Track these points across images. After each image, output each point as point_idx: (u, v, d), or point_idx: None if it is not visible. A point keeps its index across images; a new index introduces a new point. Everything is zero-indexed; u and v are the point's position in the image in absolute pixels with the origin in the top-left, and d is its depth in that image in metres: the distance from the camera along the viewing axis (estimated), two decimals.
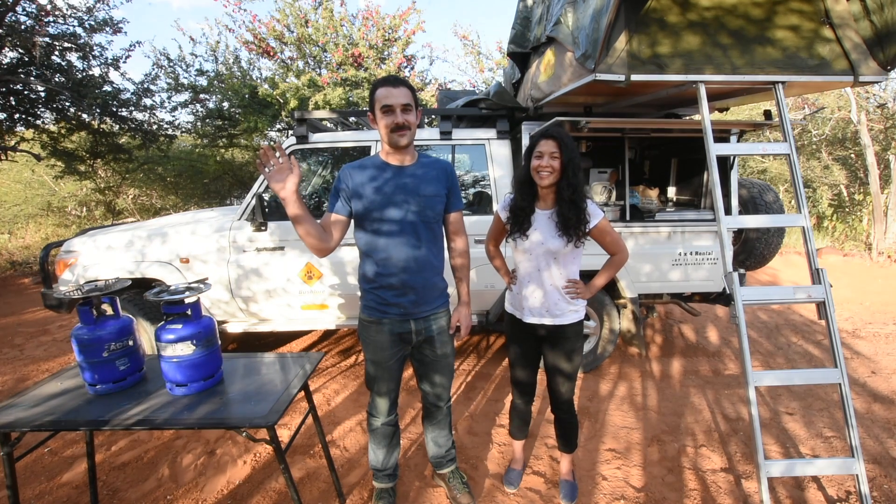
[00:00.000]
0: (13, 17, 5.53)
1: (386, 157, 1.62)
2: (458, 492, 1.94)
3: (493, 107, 3.08)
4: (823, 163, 9.49)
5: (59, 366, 3.49)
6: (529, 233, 1.70)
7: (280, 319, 3.15)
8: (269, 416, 1.33)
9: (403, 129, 1.53)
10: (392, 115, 1.51)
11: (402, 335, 1.67)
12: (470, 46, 9.74)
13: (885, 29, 2.02)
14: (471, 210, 3.11)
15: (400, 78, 1.55)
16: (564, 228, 1.63)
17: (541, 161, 1.62)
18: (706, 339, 3.93)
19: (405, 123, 1.52)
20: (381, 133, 1.56)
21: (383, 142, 1.59)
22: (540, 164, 1.62)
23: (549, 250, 1.69)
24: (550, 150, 1.60)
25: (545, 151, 1.61)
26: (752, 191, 3.25)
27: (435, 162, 1.68)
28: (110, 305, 1.53)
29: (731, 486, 2.07)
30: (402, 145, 1.56)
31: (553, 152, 1.60)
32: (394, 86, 1.51)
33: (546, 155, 1.61)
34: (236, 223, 3.01)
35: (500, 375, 3.22)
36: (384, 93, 1.50)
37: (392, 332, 1.65)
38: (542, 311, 1.75)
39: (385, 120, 1.52)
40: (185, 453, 2.34)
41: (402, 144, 1.56)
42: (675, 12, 2.04)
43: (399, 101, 1.50)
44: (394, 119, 1.51)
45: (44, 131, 6.82)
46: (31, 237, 9.23)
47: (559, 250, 1.68)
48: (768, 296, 2.10)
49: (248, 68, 7.71)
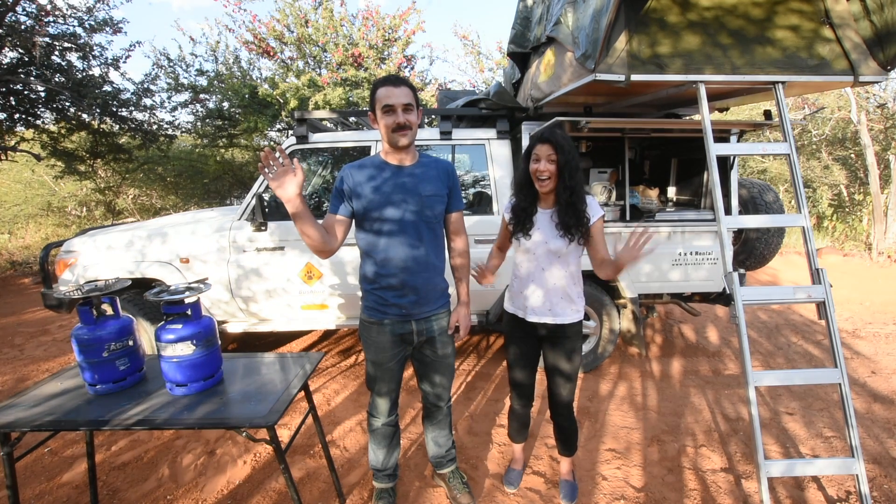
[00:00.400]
0: (13, 17, 5.53)
1: (385, 157, 1.61)
2: (459, 492, 1.94)
3: (493, 107, 3.08)
4: (823, 163, 9.49)
5: (59, 366, 3.49)
6: (532, 232, 1.71)
7: (280, 319, 3.15)
8: (269, 416, 1.33)
9: (404, 128, 1.52)
10: (393, 114, 1.51)
11: (403, 336, 1.67)
12: (470, 46, 9.75)
13: (885, 29, 2.02)
14: (471, 210, 3.11)
15: (401, 77, 1.54)
16: (565, 229, 1.64)
17: (538, 165, 1.62)
18: (706, 339, 3.93)
19: (406, 123, 1.52)
20: (382, 133, 1.55)
21: (384, 141, 1.59)
22: (537, 167, 1.62)
23: (551, 250, 1.69)
24: (547, 154, 1.60)
25: (542, 155, 1.61)
26: (752, 191, 3.25)
27: (436, 162, 1.68)
28: (110, 305, 1.53)
29: (731, 486, 2.07)
30: (403, 145, 1.56)
31: (550, 155, 1.60)
32: (395, 85, 1.50)
33: (543, 158, 1.61)
34: (236, 223, 3.01)
35: (499, 375, 3.22)
36: (385, 92, 1.50)
37: (393, 332, 1.65)
38: (544, 310, 1.75)
39: (386, 120, 1.51)
40: (185, 453, 2.34)
41: (403, 144, 1.55)
42: (675, 12, 2.04)
43: (400, 101, 1.49)
44: (395, 119, 1.50)
45: (44, 131, 6.82)
46: (31, 237, 9.24)
47: (560, 249, 1.68)
48: (768, 296, 2.10)
49: (248, 68, 7.71)
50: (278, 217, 3.01)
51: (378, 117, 1.54)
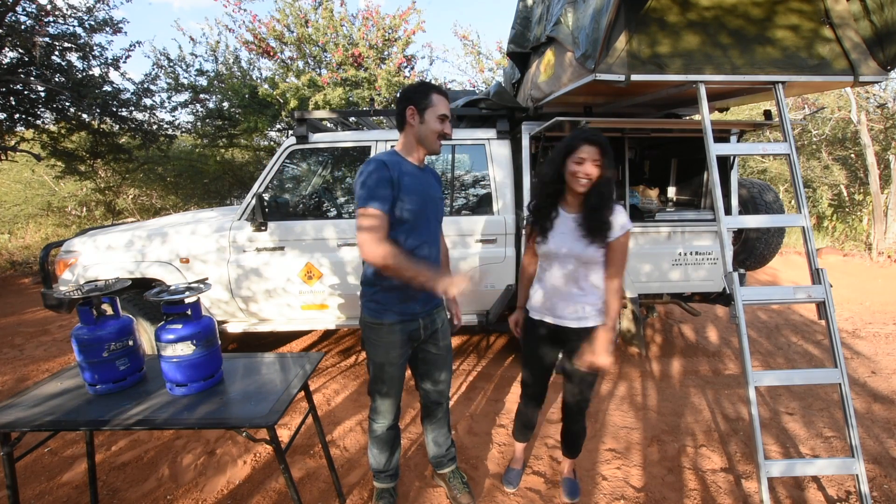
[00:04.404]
0: (13, 17, 5.53)
1: (407, 157, 1.61)
2: (458, 491, 1.94)
3: (493, 107, 3.08)
4: (823, 163, 9.48)
5: (59, 366, 3.49)
6: (552, 235, 1.66)
7: (280, 319, 3.15)
8: (269, 416, 1.33)
9: (446, 138, 1.62)
10: (445, 123, 1.59)
11: (411, 333, 1.68)
12: (470, 46, 9.74)
13: (885, 29, 2.02)
14: (471, 210, 3.11)
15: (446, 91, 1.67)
16: (587, 233, 1.58)
17: (581, 167, 1.53)
18: (706, 339, 3.93)
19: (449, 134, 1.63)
20: (425, 135, 1.57)
21: (420, 144, 1.60)
22: (580, 169, 1.54)
23: (573, 253, 1.63)
24: (593, 157, 1.52)
25: (587, 157, 1.52)
26: (752, 191, 3.25)
27: (432, 168, 1.77)
28: (110, 305, 1.53)
29: (731, 486, 2.07)
30: (438, 152, 1.65)
31: (596, 160, 1.53)
32: (447, 97, 1.61)
33: (588, 161, 1.52)
34: (236, 223, 3.01)
35: (499, 375, 3.22)
36: (442, 101, 1.58)
37: (403, 331, 1.65)
38: (566, 313, 1.70)
39: (437, 126, 1.57)
40: (185, 453, 2.34)
41: (439, 152, 1.65)
42: (674, 12, 2.04)
43: (448, 113, 1.59)
44: (444, 128, 1.59)
45: (44, 131, 6.81)
46: (31, 237, 9.23)
47: (582, 254, 1.62)
48: (768, 296, 2.10)
49: (248, 68, 7.71)
50: (278, 217, 3.01)
51: (428, 120, 1.56)
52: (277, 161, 2.99)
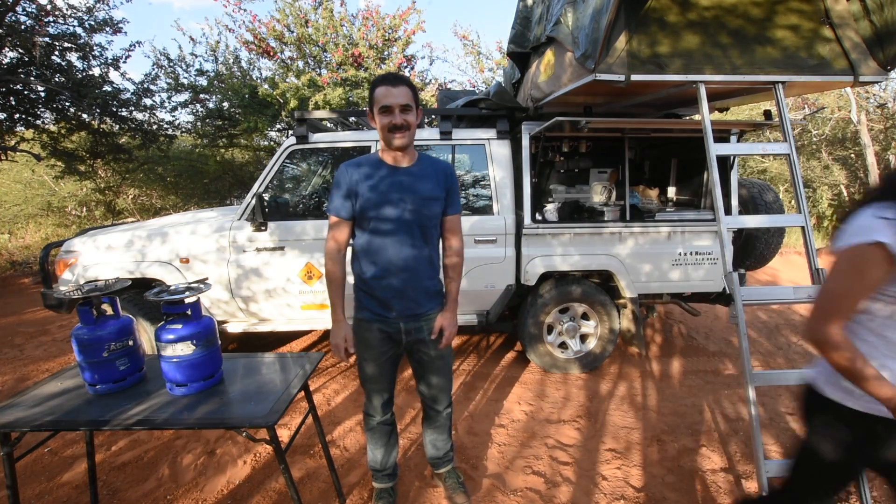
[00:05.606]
0: (13, 17, 5.53)
1: (382, 156, 1.59)
2: (454, 491, 1.94)
3: (493, 107, 3.08)
4: (823, 163, 9.49)
5: (59, 366, 3.49)
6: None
7: (280, 319, 3.15)
8: (269, 416, 1.33)
9: (401, 129, 1.50)
10: (390, 115, 1.48)
11: (390, 334, 1.65)
12: (470, 46, 9.75)
13: (885, 29, 2.02)
14: (470, 210, 3.11)
15: (400, 76, 1.52)
16: None
17: None
18: (706, 339, 3.93)
19: (403, 124, 1.49)
20: (380, 132, 1.53)
21: (380, 140, 1.58)
22: None
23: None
24: None
25: None
26: (752, 191, 3.25)
27: (434, 162, 1.66)
28: (110, 305, 1.53)
29: (731, 486, 2.07)
30: (398, 146, 1.53)
31: None
32: (393, 85, 1.47)
33: None
34: (236, 223, 3.01)
35: (499, 375, 3.22)
36: (383, 92, 1.47)
37: (381, 330, 1.64)
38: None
39: (382, 120, 1.49)
40: (185, 453, 2.34)
41: (398, 145, 1.52)
42: (674, 12, 2.04)
43: (398, 101, 1.47)
44: (391, 119, 1.48)
45: (44, 131, 6.81)
46: (31, 237, 9.23)
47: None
48: (768, 296, 2.10)
49: (248, 68, 7.71)
50: (278, 217, 3.01)
51: (375, 116, 1.52)
52: (277, 161, 2.99)
